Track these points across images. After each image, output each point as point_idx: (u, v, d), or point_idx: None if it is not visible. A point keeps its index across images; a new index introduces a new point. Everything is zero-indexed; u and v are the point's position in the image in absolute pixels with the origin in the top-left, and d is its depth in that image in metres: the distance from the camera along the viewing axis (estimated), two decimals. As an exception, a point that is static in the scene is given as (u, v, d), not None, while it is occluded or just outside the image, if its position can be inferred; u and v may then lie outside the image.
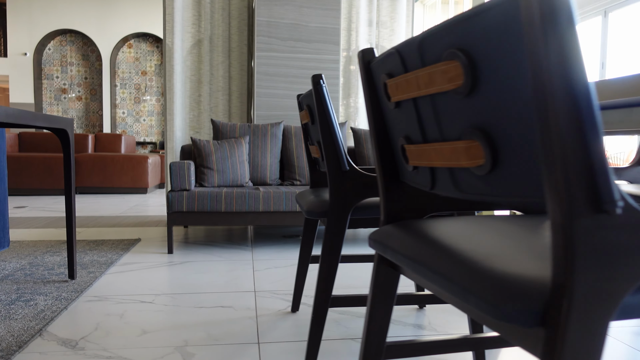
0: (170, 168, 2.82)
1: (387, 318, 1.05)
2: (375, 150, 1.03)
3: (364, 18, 4.20)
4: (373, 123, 1.02)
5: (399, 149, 0.93)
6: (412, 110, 0.83)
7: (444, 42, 0.68)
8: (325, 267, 1.38)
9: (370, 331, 1.05)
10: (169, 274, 2.46)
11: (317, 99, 1.35)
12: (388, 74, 0.88)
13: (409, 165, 0.90)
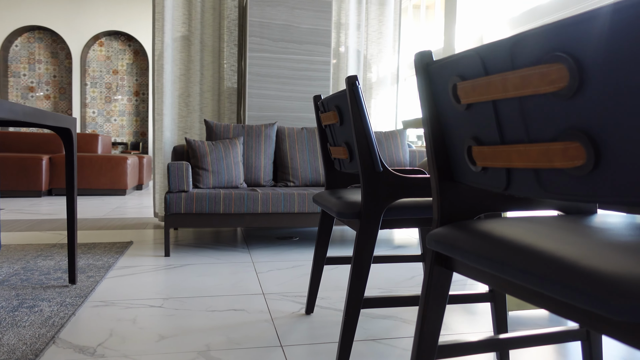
0: (169, 169, 2.76)
1: (440, 318, 1.06)
2: (431, 152, 1.03)
3: (353, 21, 4.22)
4: (430, 125, 1.02)
5: (463, 150, 0.94)
6: (489, 112, 0.83)
7: (544, 45, 0.69)
8: (357, 268, 1.38)
9: (424, 331, 1.05)
10: (171, 277, 2.41)
11: (352, 100, 1.35)
12: (460, 76, 0.88)
13: (476, 167, 0.91)
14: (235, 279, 2.39)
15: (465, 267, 0.99)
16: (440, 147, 1.03)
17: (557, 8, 7.41)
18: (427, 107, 1.02)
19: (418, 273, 2.58)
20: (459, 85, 0.89)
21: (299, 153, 3.44)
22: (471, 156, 0.92)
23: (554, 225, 0.96)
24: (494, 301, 1.48)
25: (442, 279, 1.05)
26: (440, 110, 1.00)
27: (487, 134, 0.87)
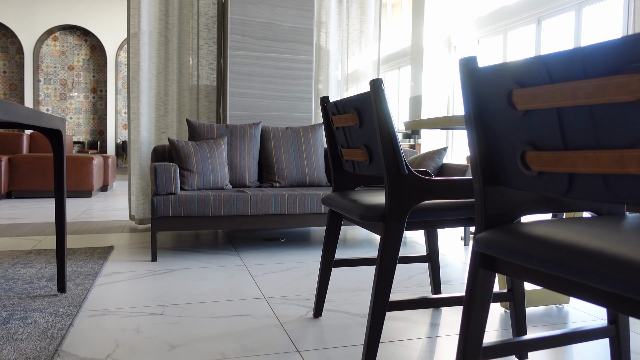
0: (156, 171, 2.68)
1: (485, 319, 1.06)
2: (475, 156, 1.03)
3: (334, 19, 4.21)
4: (475, 130, 1.02)
5: (515, 155, 0.94)
6: (552, 118, 0.84)
7: (622, 56, 0.69)
8: (383, 271, 1.37)
9: (469, 333, 1.05)
10: (164, 282, 2.34)
11: (378, 103, 1.34)
12: (518, 82, 0.88)
13: (531, 171, 0.92)
14: (232, 284, 2.34)
15: (511, 268, 1.00)
16: (485, 151, 1.03)
17: (523, 9, 7.63)
18: (473, 112, 1.02)
19: (415, 273, 2.60)
20: (517, 92, 0.90)
21: (285, 153, 3.41)
22: (525, 161, 0.93)
23: (595, 225, 0.99)
24: (514, 300, 1.50)
25: (486, 281, 1.06)
26: (487, 115, 1.00)
27: (547, 140, 0.87)
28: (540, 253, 0.88)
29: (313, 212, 2.94)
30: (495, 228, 1.03)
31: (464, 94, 1.04)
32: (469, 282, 1.06)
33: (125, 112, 15.19)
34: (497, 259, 1.03)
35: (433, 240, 1.97)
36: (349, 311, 1.97)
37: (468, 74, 1.02)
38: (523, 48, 7.78)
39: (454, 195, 1.40)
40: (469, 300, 1.06)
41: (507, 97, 0.92)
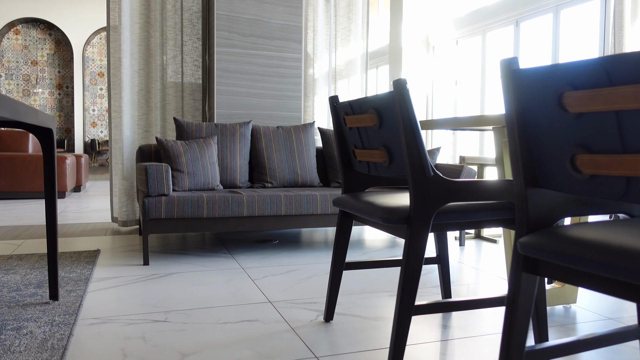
0: (147, 171, 2.58)
1: (528, 323, 1.04)
2: (517, 158, 1.01)
3: (322, 17, 4.17)
4: (517, 132, 1.00)
5: (564, 158, 0.92)
6: (610, 121, 0.82)
7: None
8: (409, 274, 1.34)
9: (512, 337, 1.03)
10: (161, 287, 2.25)
11: (402, 104, 1.30)
12: (572, 85, 0.86)
13: (582, 174, 0.90)
14: (233, 288, 2.27)
15: (558, 271, 0.98)
16: (527, 154, 1.01)
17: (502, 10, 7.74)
18: (515, 114, 1.00)
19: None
20: (570, 94, 0.87)
21: (276, 153, 3.35)
22: (575, 164, 0.91)
23: (637, 226, 0.98)
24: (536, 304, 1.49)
25: (529, 284, 1.04)
26: (530, 117, 0.98)
27: (603, 143, 0.85)
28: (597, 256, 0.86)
29: (309, 213, 2.89)
30: (540, 231, 1.01)
31: (505, 95, 1.02)
32: (511, 285, 1.04)
33: (93, 109, 14.78)
34: (541, 262, 1.01)
35: (443, 243, 1.95)
36: (359, 314, 1.93)
37: (510, 75, 1.00)
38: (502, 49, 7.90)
39: (479, 197, 1.38)
40: (512, 303, 1.04)
41: (558, 99, 0.90)
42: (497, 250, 3.16)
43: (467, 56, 8.76)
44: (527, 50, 7.32)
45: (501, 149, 1.92)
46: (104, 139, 14.73)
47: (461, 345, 1.64)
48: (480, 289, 2.32)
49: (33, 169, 5.80)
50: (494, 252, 3.12)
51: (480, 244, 3.37)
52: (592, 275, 0.91)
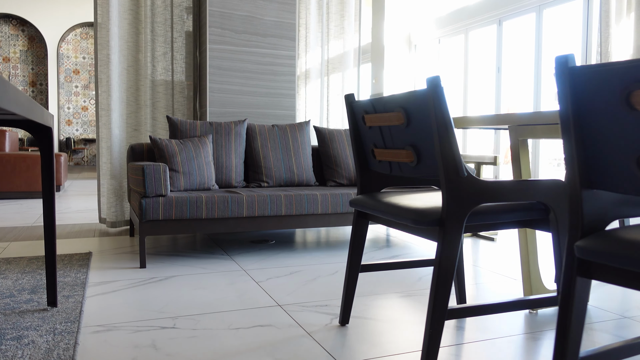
0: (144, 171, 2.49)
1: (582, 328, 1.01)
2: (573, 159, 0.97)
3: (314, 14, 4.11)
4: (574, 132, 0.97)
5: (628, 159, 0.88)
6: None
7: None
8: (442, 277, 1.30)
9: (568, 342, 1.00)
10: (162, 292, 2.17)
11: (437, 102, 1.26)
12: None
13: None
14: (238, 291, 2.20)
15: (614, 274, 0.95)
16: (583, 154, 0.97)
17: (484, 9, 7.79)
18: (572, 113, 0.96)
19: (423, 274, 2.55)
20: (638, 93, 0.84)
21: (272, 152, 3.28)
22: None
23: None
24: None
25: (584, 288, 1.01)
26: (589, 116, 0.94)
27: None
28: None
29: (310, 213, 2.83)
30: (596, 234, 0.97)
31: (560, 93, 0.98)
32: (565, 289, 1.01)
33: (68, 107, 14.41)
34: (596, 266, 0.98)
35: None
36: (373, 317, 1.89)
37: (566, 72, 0.96)
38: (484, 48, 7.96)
39: (511, 198, 1.35)
40: (566, 308, 1.00)
41: (624, 98, 0.87)
42: (495, 249, 3.15)
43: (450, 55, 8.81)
44: (510, 50, 7.38)
45: (517, 148, 1.90)
46: (79, 137, 14.38)
47: (482, 348, 1.61)
48: (490, 288, 2.30)
49: (11, 168, 5.60)
50: (493, 250, 3.11)
51: (478, 242, 3.36)
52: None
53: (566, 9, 6.49)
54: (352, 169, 3.37)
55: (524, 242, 1.95)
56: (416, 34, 9.48)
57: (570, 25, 6.44)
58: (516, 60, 7.30)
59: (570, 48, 6.36)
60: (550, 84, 6.73)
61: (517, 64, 7.28)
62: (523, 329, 1.79)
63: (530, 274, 1.95)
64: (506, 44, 7.48)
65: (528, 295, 1.98)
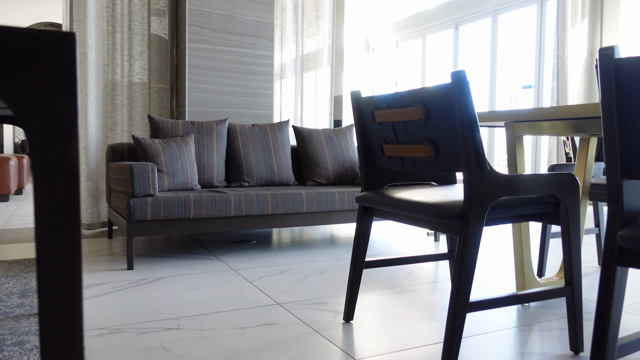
0: (133, 171, 2.42)
1: (620, 316, 1.06)
2: (615, 150, 1.02)
3: (290, 15, 4.11)
4: (617, 123, 1.02)
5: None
6: None
7: None
8: (465, 270, 1.34)
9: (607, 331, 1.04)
10: (157, 293, 2.11)
11: (462, 97, 1.30)
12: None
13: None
14: (234, 290, 2.17)
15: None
16: (624, 145, 1.03)
17: (441, 14, 8.00)
18: (615, 104, 1.01)
19: (411, 270, 2.59)
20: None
21: (253, 151, 3.25)
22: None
23: None
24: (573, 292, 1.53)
25: (622, 277, 1.06)
26: (632, 108, 0.99)
27: None
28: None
29: (295, 212, 2.83)
30: (636, 224, 1.03)
31: (603, 85, 1.03)
32: (604, 279, 1.06)
33: (15, 107, 13.73)
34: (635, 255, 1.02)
35: (455, 237, 1.97)
36: (376, 313, 1.91)
37: (610, 64, 1.01)
38: (442, 52, 8.17)
39: (528, 191, 1.40)
40: (606, 296, 1.05)
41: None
42: (474, 246, 3.24)
43: (408, 58, 8.99)
44: (467, 53, 7.62)
45: (513, 144, 1.97)
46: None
47: (485, 340, 1.66)
48: (476, 283, 2.36)
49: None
50: (472, 248, 3.20)
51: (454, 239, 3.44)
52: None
53: (520, 14, 6.76)
54: (331, 168, 3.39)
55: (518, 237, 2.02)
56: (374, 37, 9.62)
57: (524, 30, 6.71)
58: (472, 63, 7.54)
59: (524, 52, 6.63)
60: (505, 87, 6.99)
61: (474, 68, 7.52)
62: (518, 321, 1.85)
63: (524, 268, 2.03)
64: (463, 48, 7.71)
65: (521, 288, 2.06)
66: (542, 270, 2.44)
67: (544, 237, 2.41)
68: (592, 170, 2.28)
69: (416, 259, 1.91)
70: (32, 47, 0.52)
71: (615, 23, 5.45)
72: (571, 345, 1.56)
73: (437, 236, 3.40)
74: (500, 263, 2.80)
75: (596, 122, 1.75)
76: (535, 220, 1.51)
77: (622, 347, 1.06)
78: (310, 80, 4.26)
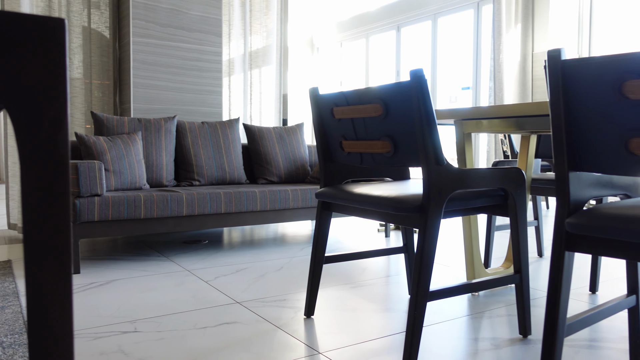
0: (78, 169, 2.32)
1: (568, 298, 1.14)
2: (562, 143, 1.10)
3: (237, 11, 4.07)
4: (564, 119, 1.09)
5: (619, 143, 1.02)
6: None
7: None
8: (425, 262, 1.38)
9: (556, 313, 1.12)
10: (108, 297, 2.04)
11: (420, 94, 1.34)
12: (637, 73, 0.96)
13: (636, 157, 1.00)
14: (190, 291, 2.14)
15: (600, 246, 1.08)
16: (570, 139, 1.10)
17: (383, 16, 8.17)
18: (562, 102, 1.08)
19: (366, 265, 2.64)
20: (633, 82, 0.97)
21: (203, 149, 3.20)
22: (628, 147, 1.01)
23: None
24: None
25: (570, 262, 1.13)
26: (578, 105, 1.07)
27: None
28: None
29: (249, 210, 2.81)
30: (581, 212, 1.10)
31: (551, 84, 1.10)
32: (554, 263, 1.13)
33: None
34: (582, 240, 1.10)
35: (410, 231, 2.03)
36: (336, 308, 1.93)
37: (557, 65, 1.08)
38: (385, 52, 8.34)
39: (483, 184, 1.47)
40: (556, 280, 1.12)
41: (617, 87, 0.99)
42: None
43: (352, 58, 9.12)
44: (409, 54, 7.83)
45: (462, 141, 2.05)
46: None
47: (441, 329, 1.73)
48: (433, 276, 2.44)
49: None
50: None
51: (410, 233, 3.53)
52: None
53: (459, 18, 7.02)
54: (283, 167, 3.40)
55: (468, 229, 2.11)
56: (319, 37, 9.69)
57: (462, 33, 6.97)
58: (414, 64, 7.75)
59: (463, 53, 6.89)
60: (445, 88, 7.24)
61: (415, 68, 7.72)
62: (470, 310, 1.93)
63: (474, 259, 2.12)
64: (405, 49, 7.92)
65: (471, 278, 2.15)
66: (488, 262, 2.55)
67: (490, 229, 2.52)
68: (532, 165, 2.40)
69: (373, 253, 1.95)
70: (21, 31, 0.50)
71: (545, 28, 5.77)
72: (520, 329, 1.65)
73: (387, 232, 3.47)
74: (449, 256, 2.90)
75: (536, 120, 1.85)
76: (486, 213, 1.59)
77: (570, 326, 1.14)
78: (258, 77, 4.23)
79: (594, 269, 2.16)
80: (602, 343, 1.59)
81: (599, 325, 1.76)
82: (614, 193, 1.26)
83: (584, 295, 2.11)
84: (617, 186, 1.26)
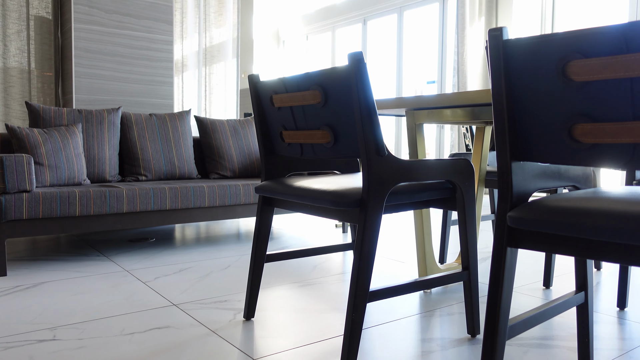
0: (4, 163, 2.14)
1: (511, 296, 1.05)
2: (504, 132, 1.00)
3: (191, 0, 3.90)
4: (506, 105, 1.00)
5: (562, 128, 0.93)
6: (624, 89, 0.84)
7: None
8: (365, 259, 1.28)
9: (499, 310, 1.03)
10: (33, 301, 1.88)
11: (360, 79, 1.23)
12: (581, 52, 0.87)
13: (581, 144, 0.92)
14: (124, 293, 1.99)
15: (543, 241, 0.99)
16: (513, 127, 1.01)
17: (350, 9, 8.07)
18: (504, 86, 0.99)
19: (318, 263, 2.53)
20: (577, 63, 0.88)
21: (150, 143, 3.03)
22: (572, 134, 0.93)
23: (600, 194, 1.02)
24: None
25: (513, 258, 1.05)
26: (520, 89, 0.98)
27: (609, 111, 0.87)
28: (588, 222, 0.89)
29: (196, 206, 2.67)
30: (523, 205, 1.02)
31: (492, 67, 1.01)
32: (495, 260, 1.04)
33: None
34: (524, 235, 1.01)
35: (360, 227, 1.93)
36: (279, 309, 1.82)
37: (498, 45, 0.99)
38: (351, 45, 8.25)
39: (427, 177, 1.37)
40: (498, 278, 1.03)
41: (560, 68, 0.90)
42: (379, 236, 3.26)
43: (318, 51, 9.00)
44: (375, 47, 7.75)
45: (414, 132, 1.96)
46: None
47: (390, 329, 1.63)
48: (382, 272, 2.35)
49: None
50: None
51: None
52: (579, 241, 0.94)
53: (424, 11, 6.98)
54: (236, 161, 3.26)
55: (419, 224, 2.02)
56: (284, 29, 9.53)
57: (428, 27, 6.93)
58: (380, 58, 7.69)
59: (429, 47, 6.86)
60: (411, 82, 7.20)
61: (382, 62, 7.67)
62: (421, 308, 1.85)
63: (426, 255, 2.03)
64: (371, 43, 7.84)
65: (423, 275, 2.06)
66: (443, 257, 2.48)
67: (445, 224, 2.44)
68: (487, 157, 2.33)
69: (320, 251, 1.85)
70: None
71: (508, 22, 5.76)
72: (468, 328, 1.57)
73: (345, 227, 3.38)
74: (404, 252, 2.82)
75: (489, 110, 1.77)
76: (433, 207, 1.50)
77: (513, 327, 1.05)
78: (216, 71, 4.08)
79: (548, 263, 2.10)
80: (552, 341, 1.52)
81: (550, 321, 1.69)
82: (562, 184, 1.18)
83: (537, 291, 2.05)
84: (566, 177, 1.18)
